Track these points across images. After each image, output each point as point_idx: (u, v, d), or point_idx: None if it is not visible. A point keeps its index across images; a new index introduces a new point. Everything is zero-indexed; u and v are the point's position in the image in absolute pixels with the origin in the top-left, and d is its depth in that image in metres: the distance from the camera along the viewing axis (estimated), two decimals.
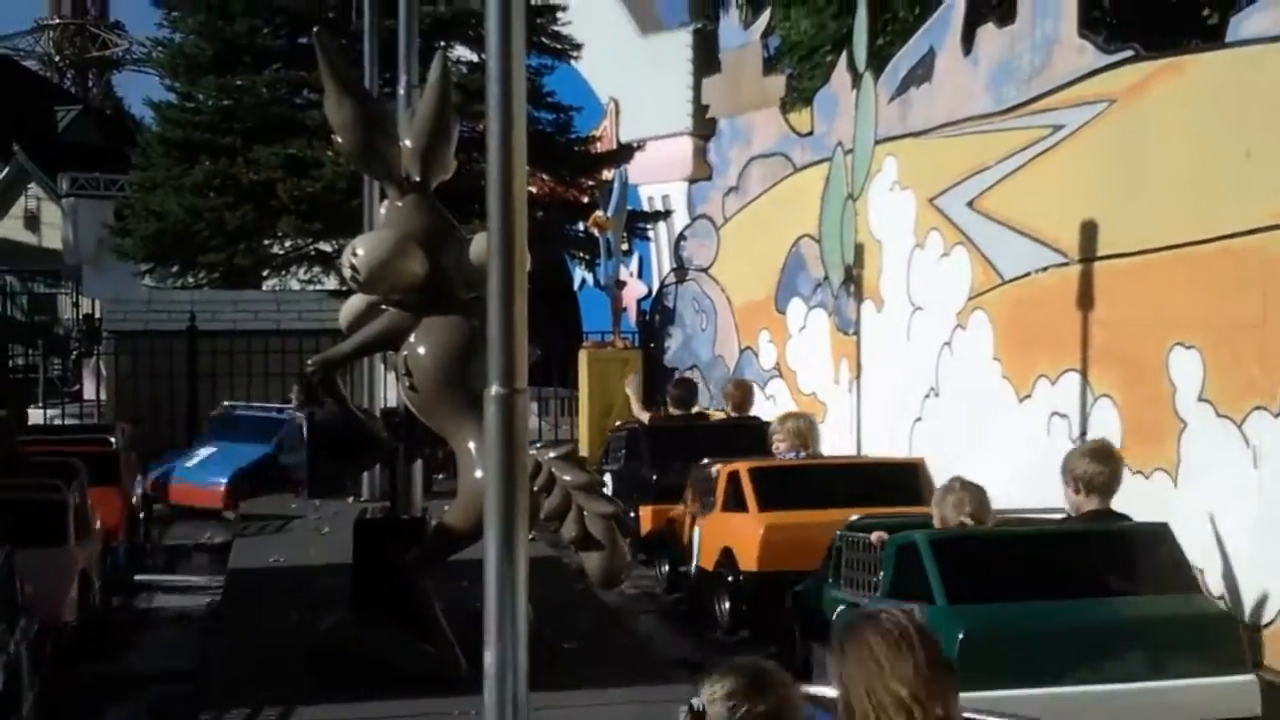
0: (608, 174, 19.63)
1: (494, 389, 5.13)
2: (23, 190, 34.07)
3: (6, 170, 33.97)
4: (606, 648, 8.05)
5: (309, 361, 7.62)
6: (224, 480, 14.32)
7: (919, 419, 12.81)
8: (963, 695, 6.31)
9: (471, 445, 7.08)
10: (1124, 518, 7.37)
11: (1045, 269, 11.11)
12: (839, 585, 7.91)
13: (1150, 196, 10.01)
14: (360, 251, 7.19)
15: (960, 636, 6.46)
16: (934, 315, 12.67)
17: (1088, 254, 10.57)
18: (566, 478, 6.82)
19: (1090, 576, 7.07)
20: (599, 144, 21.05)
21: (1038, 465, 9.77)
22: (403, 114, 8.95)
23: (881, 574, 7.34)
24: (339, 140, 7.54)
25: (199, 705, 7.13)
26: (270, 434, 14.22)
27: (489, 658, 5.21)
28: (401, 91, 9.36)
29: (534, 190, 19.24)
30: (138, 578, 11.66)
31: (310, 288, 19.40)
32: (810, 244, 15.28)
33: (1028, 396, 11.21)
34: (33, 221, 33.90)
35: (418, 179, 7.36)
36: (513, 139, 5.09)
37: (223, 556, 11.73)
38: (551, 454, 6.91)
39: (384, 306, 7.46)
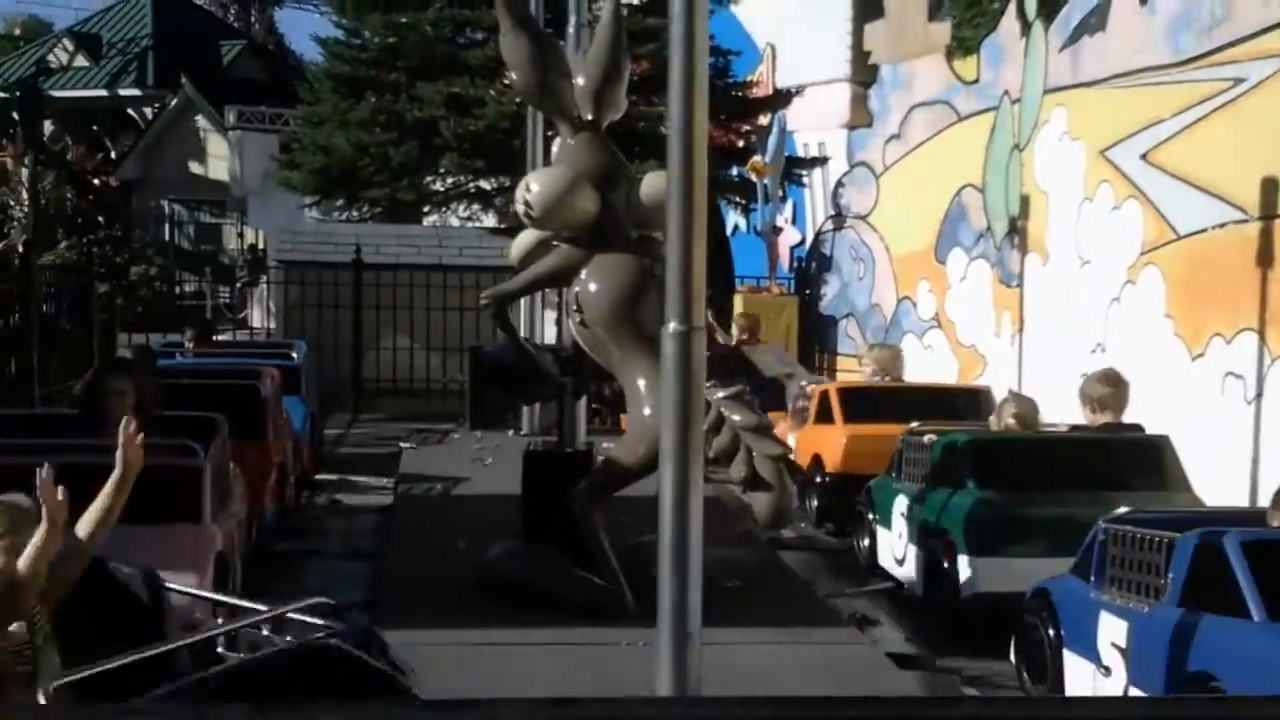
0: (763, 119, 19.54)
1: (672, 326, 5.18)
2: (190, 122, 34.92)
3: (175, 102, 34.82)
4: (769, 588, 8.11)
5: (482, 294, 7.75)
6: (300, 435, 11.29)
7: (1083, 375, 12.58)
8: (983, 560, 7.75)
9: (641, 382, 7.17)
10: (1136, 428, 8.79)
11: (1223, 225, 10.80)
12: (899, 478, 9.28)
13: None
14: (534, 187, 7.28)
15: (985, 516, 8.03)
16: (1103, 270, 12.41)
17: (1269, 211, 10.25)
18: (736, 418, 6.87)
19: (1096, 474, 8.27)
20: (755, 89, 20.92)
21: (1211, 425, 9.55)
22: (572, 54, 9.00)
23: (931, 467, 8.82)
24: (513, 77, 7.61)
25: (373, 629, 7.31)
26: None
27: (664, 592, 5.30)
28: (571, 31, 9.40)
29: None
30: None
31: (468, 224, 19.65)
32: (973, 194, 15.05)
33: (1200, 355, 10.95)
34: (199, 152, 34.75)
35: (590, 117, 7.42)
36: (694, 80, 5.12)
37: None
38: (720, 394, 6.95)
39: (555, 243, 7.55)
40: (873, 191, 17.46)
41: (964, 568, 7.92)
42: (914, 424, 9.50)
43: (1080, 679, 6.61)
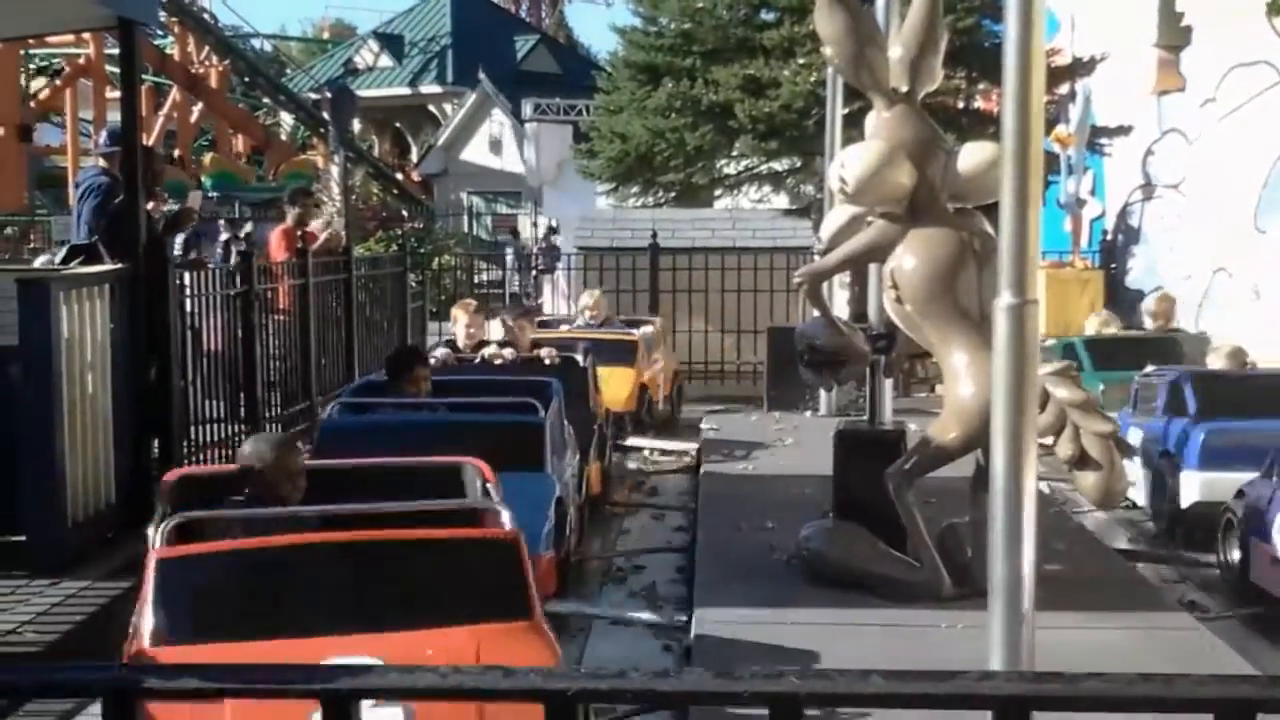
0: (1062, 89, 18.88)
1: (1005, 299, 5.02)
2: (487, 116, 36.06)
3: (473, 97, 36.00)
4: (1091, 571, 7.82)
5: (796, 274, 7.70)
6: None
7: None
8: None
9: (959, 359, 7.00)
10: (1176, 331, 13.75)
11: None
12: None
13: None
14: (849, 163, 7.18)
15: (1101, 388, 11.34)
16: None
17: None
18: (1061, 394, 6.63)
19: (1143, 358, 11.89)
20: (1055, 58, 20.21)
21: None
22: (889, 25, 8.84)
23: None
24: (827, 52, 7.53)
25: (689, 606, 7.39)
26: None
27: (995, 573, 5.15)
28: (881, 4, 9.27)
29: (986, 106, 18.72)
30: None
31: (758, 206, 19.65)
32: None
33: None
34: (496, 145, 35.87)
35: (905, 89, 7.28)
36: (1030, 47, 4.96)
37: None
38: (1045, 369, 6.71)
39: (869, 219, 7.44)
40: (1185, 158, 16.67)
41: None
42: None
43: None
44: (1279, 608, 7.73)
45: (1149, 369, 11.11)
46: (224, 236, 19.71)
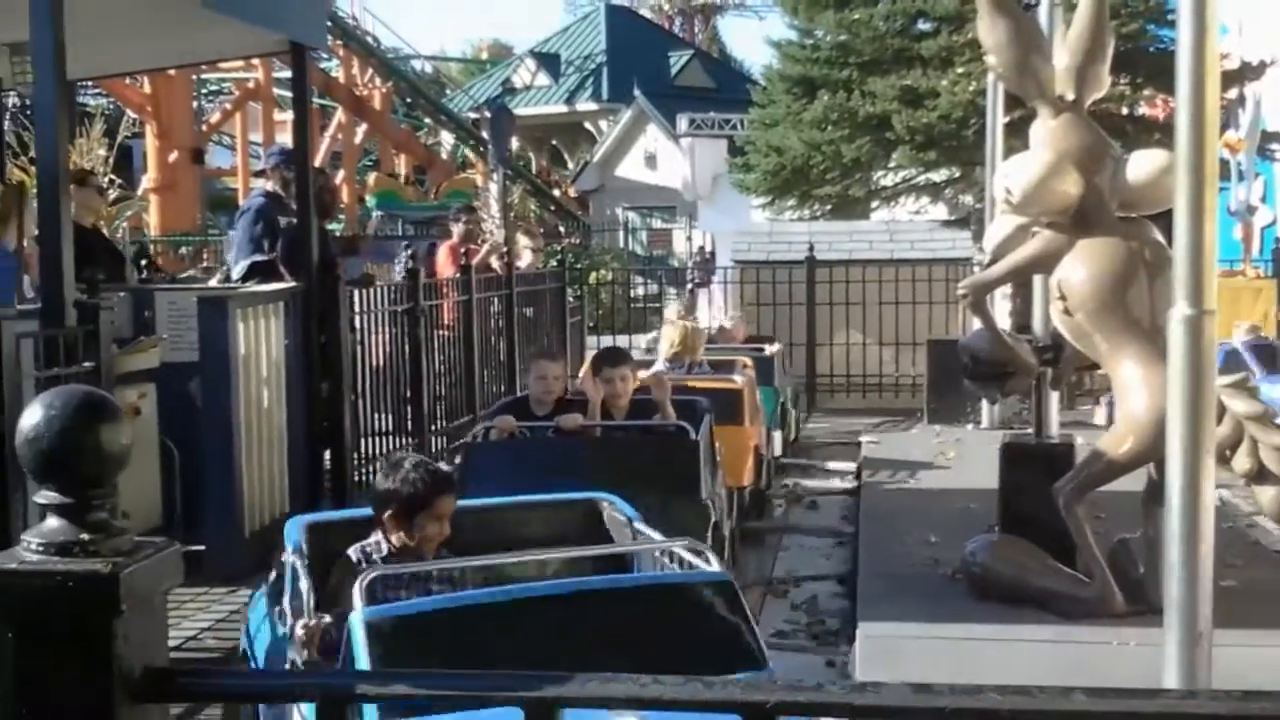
0: (1231, 94, 18.38)
1: (1181, 310, 4.92)
2: (642, 131, 36.32)
3: (629, 114, 36.29)
4: (1268, 585, 7.59)
5: (960, 285, 7.62)
6: None
7: None
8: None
9: (1130, 371, 6.86)
10: None
11: None
12: None
13: None
14: (1014, 173, 7.10)
15: None
16: None
17: None
18: (1238, 407, 6.47)
19: None
20: (1224, 62, 19.67)
21: None
22: (1046, 33, 8.72)
23: None
24: (990, 60, 7.45)
25: (852, 621, 7.35)
26: None
27: (1170, 590, 5.04)
28: (1044, 10, 9.15)
29: (1151, 112, 18.31)
30: None
31: (916, 218, 19.44)
32: None
33: None
34: (651, 160, 36.11)
35: (1071, 97, 7.17)
36: (1204, 52, 4.85)
37: None
38: (1220, 381, 6.54)
39: (1035, 230, 7.34)
40: None
41: None
42: None
43: None
44: None
45: None
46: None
